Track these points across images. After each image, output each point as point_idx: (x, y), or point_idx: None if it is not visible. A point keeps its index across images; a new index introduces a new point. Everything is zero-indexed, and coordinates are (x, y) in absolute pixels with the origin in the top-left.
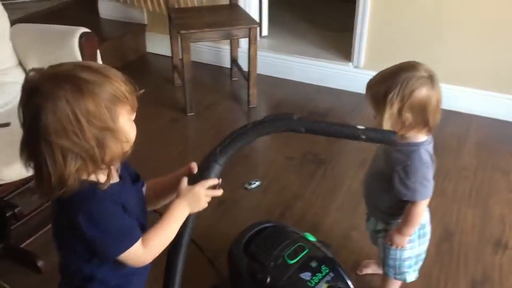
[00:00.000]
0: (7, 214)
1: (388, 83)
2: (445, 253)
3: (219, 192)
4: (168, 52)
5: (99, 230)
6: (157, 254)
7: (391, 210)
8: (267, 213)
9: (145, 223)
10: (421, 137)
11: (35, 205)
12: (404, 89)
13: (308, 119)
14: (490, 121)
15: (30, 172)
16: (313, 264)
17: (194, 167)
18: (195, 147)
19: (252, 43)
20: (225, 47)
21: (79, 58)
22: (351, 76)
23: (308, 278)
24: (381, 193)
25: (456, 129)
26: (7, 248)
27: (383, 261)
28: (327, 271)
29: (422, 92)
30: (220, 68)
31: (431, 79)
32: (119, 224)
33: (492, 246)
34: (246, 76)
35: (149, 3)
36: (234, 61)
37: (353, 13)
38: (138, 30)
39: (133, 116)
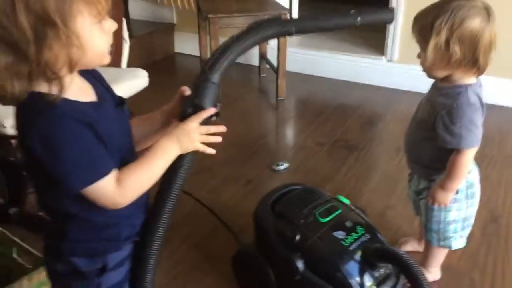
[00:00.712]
0: (25, 172)
1: (437, 11)
2: (492, 234)
3: (220, 128)
4: (196, 52)
5: (54, 155)
6: (134, 197)
7: (435, 163)
8: None
9: (130, 159)
10: (470, 79)
11: None
12: (455, 16)
13: (297, 20)
14: None
15: None
16: (348, 224)
17: (186, 89)
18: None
19: None
20: None
21: None
22: (384, 71)
23: (342, 237)
24: (424, 142)
25: (498, 122)
26: (22, 214)
27: (426, 227)
28: (363, 232)
29: (475, 22)
30: (249, 66)
31: (487, 11)
32: (81, 149)
33: None
34: (275, 68)
35: (178, 0)
36: (263, 57)
37: (387, 4)
38: (167, 29)
39: (106, 23)
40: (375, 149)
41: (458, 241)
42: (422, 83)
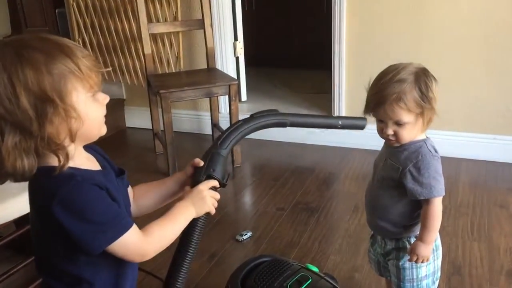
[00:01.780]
0: None
1: (412, 85)
2: (457, 286)
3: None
4: (148, 125)
5: (81, 219)
6: (159, 248)
7: (403, 220)
8: None
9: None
10: (421, 135)
11: (14, 263)
12: (421, 82)
13: (292, 115)
14: (479, 163)
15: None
16: None
17: (199, 161)
18: None
19: (233, 100)
20: (205, 113)
21: None
22: (333, 130)
23: None
24: (390, 201)
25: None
26: None
27: (398, 287)
28: None
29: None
30: (202, 136)
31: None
32: (103, 209)
33: (505, 277)
34: None
35: (127, 76)
36: (215, 125)
37: (328, 78)
38: (117, 105)
39: (99, 95)
40: (335, 209)
41: None
42: (367, 140)
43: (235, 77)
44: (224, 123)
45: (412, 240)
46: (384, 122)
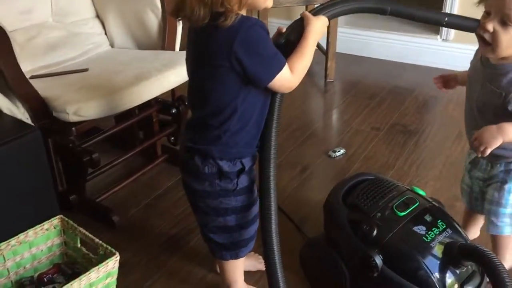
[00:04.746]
0: (84, 159)
1: None
2: None
3: None
4: None
5: (254, 55)
6: (301, 78)
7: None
8: None
9: None
10: None
11: (110, 157)
12: None
13: (394, 3)
14: None
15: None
16: (428, 218)
17: (282, 28)
18: None
19: None
20: None
21: (159, 7)
22: (439, 51)
23: (423, 232)
24: None
25: None
26: (82, 201)
27: (496, 213)
28: (444, 226)
29: None
30: None
31: None
32: (269, 48)
33: None
34: (324, 49)
35: None
36: None
37: None
38: None
39: None
40: (435, 134)
41: None
42: None
43: None
44: None
45: None
46: (490, 14)
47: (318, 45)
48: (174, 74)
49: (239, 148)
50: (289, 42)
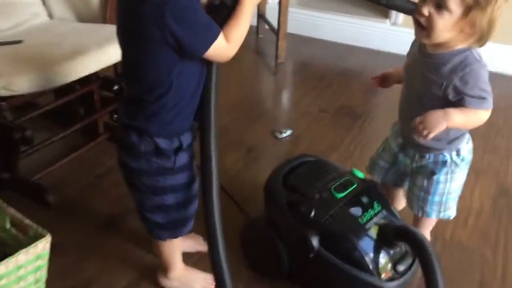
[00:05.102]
0: (16, 136)
1: None
2: (503, 208)
3: None
4: None
5: (187, 25)
6: (238, 46)
7: (448, 134)
8: None
9: None
10: (467, 43)
11: (48, 134)
12: None
13: None
14: None
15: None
16: (364, 199)
17: None
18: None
19: None
20: None
21: None
22: (388, 35)
23: (359, 214)
24: None
25: (504, 91)
26: (14, 179)
27: (425, 200)
28: (380, 208)
29: None
30: None
31: None
32: (202, 18)
33: None
34: (275, 29)
35: None
36: (261, 16)
37: None
38: None
39: None
40: (380, 118)
41: (454, 209)
42: None
43: None
44: (272, 15)
45: (454, 155)
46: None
47: (269, 24)
48: (114, 49)
49: (177, 124)
50: (224, 5)
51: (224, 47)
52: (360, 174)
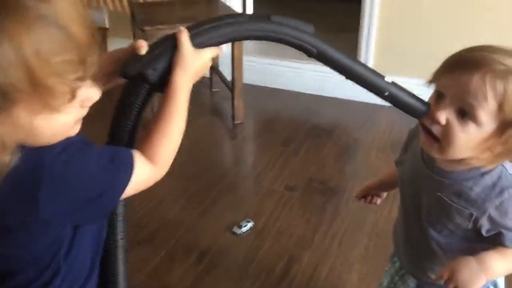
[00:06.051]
0: None
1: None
2: None
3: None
4: None
5: (84, 198)
6: (171, 162)
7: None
8: (265, 267)
9: None
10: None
11: None
12: None
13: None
14: None
15: None
16: None
17: (142, 46)
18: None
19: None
20: None
21: None
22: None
23: None
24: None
25: None
26: None
27: None
28: None
29: None
30: None
31: None
32: (100, 159)
33: None
34: (230, 85)
35: (108, 1)
36: (213, 68)
37: (354, 13)
38: (98, 35)
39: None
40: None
41: None
42: None
43: (240, 10)
44: (225, 65)
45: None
46: (443, 99)
47: (222, 79)
48: None
49: None
50: (145, 83)
51: (147, 176)
52: None
